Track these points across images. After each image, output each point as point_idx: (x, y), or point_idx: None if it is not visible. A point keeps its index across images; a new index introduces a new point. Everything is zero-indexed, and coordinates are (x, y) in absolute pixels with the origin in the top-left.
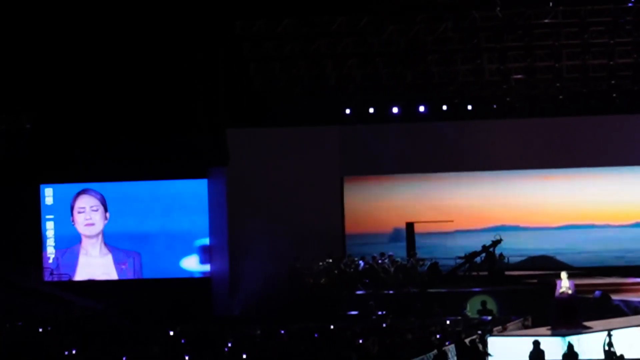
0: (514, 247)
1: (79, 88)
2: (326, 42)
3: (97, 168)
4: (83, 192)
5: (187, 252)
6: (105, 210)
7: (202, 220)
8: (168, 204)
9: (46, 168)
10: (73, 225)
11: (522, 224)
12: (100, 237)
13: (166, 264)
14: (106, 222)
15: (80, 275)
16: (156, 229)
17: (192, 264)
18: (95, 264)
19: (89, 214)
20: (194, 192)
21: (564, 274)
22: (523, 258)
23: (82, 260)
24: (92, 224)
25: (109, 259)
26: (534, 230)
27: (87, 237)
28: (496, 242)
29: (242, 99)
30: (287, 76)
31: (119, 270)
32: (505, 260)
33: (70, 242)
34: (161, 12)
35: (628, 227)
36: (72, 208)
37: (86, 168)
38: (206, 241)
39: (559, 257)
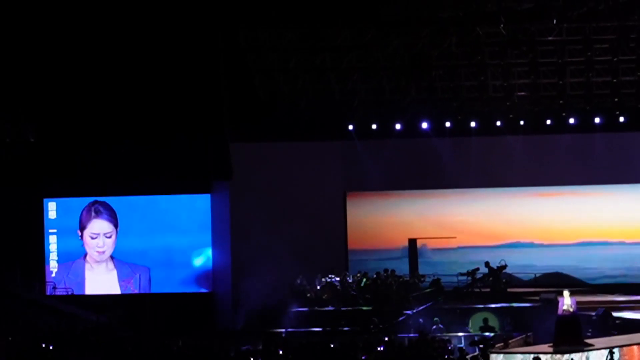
0: (520, 263)
1: (82, 102)
2: (331, 56)
3: (100, 182)
4: (97, 213)
5: (190, 268)
6: (117, 230)
7: (205, 234)
8: (171, 219)
9: (49, 182)
10: (80, 239)
11: (526, 240)
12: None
13: (170, 280)
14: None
15: (84, 290)
16: (159, 244)
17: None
18: (100, 280)
19: (101, 241)
20: (197, 206)
21: (566, 292)
22: (537, 274)
23: (87, 275)
24: (103, 252)
25: (113, 275)
26: (542, 247)
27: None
28: (501, 268)
29: (246, 111)
30: (292, 89)
31: (123, 287)
32: (507, 280)
33: (74, 256)
34: (164, 24)
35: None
36: (82, 227)
37: (89, 183)
38: (209, 256)
39: (570, 274)
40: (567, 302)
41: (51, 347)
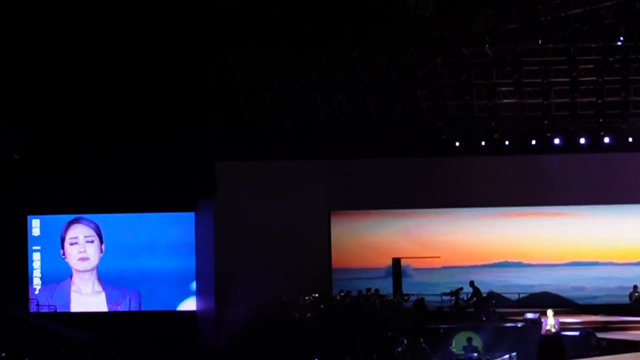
0: (505, 283)
1: (67, 120)
2: (316, 75)
3: (84, 200)
4: (75, 221)
5: (178, 287)
6: (101, 241)
7: (189, 252)
8: (155, 236)
9: (33, 199)
10: (63, 258)
11: (512, 260)
12: (94, 272)
13: (159, 299)
14: (102, 254)
15: (69, 308)
16: (143, 262)
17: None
18: (87, 302)
19: (82, 246)
20: (181, 224)
21: (550, 312)
22: (523, 294)
23: (73, 297)
24: (87, 258)
25: (102, 297)
26: (528, 267)
27: (80, 272)
28: (490, 297)
29: (232, 130)
30: (277, 107)
31: (111, 310)
32: (493, 305)
33: (58, 276)
34: (150, 44)
35: (631, 265)
36: (62, 240)
37: (74, 200)
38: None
39: (558, 294)
40: (550, 322)
41: None
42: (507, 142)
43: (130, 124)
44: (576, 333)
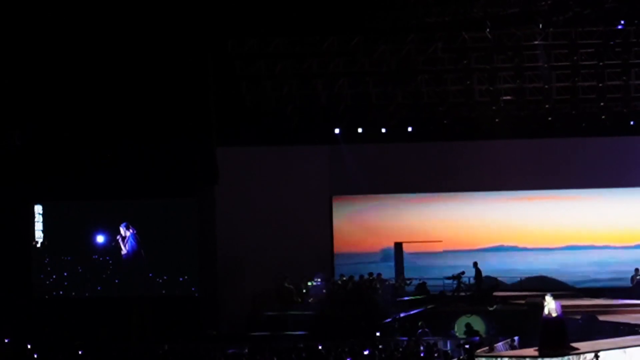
0: (505, 267)
1: (69, 107)
2: (317, 62)
3: (86, 186)
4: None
5: (180, 273)
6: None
7: (191, 238)
8: (157, 223)
9: (36, 185)
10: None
11: (512, 244)
12: None
13: (156, 284)
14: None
15: (70, 293)
16: (145, 248)
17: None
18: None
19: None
20: (183, 210)
21: (548, 297)
22: (523, 278)
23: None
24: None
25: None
26: (527, 251)
27: None
28: (491, 282)
29: (233, 117)
30: (278, 95)
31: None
32: (495, 289)
33: (61, 260)
34: (152, 31)
35: (628, 248)
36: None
37: (75, 186)
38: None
39: (556, 278)
40: (551, 306)
41: (36, 351)
42: (507, 127)
43: (132, 112)
44: (578, 316)
